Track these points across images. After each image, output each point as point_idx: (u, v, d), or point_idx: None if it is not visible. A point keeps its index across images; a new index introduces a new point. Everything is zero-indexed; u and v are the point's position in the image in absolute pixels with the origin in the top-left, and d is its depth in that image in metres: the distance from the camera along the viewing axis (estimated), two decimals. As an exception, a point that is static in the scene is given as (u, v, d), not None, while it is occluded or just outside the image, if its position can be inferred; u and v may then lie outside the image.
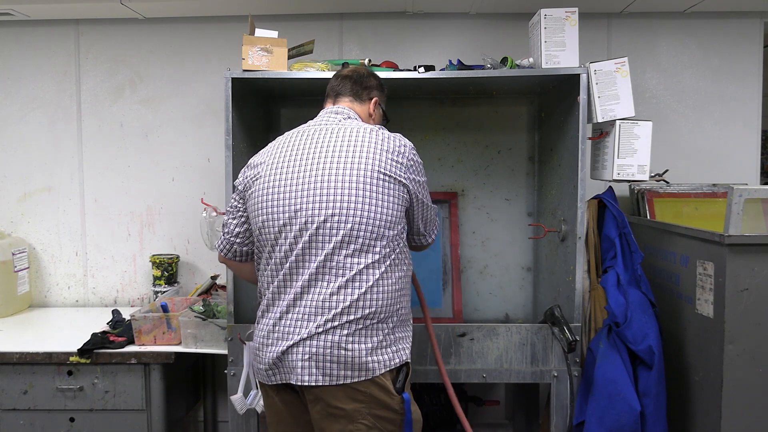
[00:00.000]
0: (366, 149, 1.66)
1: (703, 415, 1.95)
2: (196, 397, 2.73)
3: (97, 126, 2.87)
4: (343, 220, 1.60)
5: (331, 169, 1.64)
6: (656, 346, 1.99)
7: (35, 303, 2.91)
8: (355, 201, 1.61)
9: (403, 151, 1.70)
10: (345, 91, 1.86)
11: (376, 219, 1.62)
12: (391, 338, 1.65)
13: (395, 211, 1.66)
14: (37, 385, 2.21)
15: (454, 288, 2.61)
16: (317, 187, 1.64)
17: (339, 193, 1.62)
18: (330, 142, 1.69)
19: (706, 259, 1.90)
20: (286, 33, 2.21)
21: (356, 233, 1.60)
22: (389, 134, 1.73)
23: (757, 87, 2.77)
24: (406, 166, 1.69)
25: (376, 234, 1.62)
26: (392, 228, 1.65)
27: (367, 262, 1.61)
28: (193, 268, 2.89)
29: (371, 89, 1.89)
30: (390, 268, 1.65)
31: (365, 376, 1.60)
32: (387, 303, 1.63)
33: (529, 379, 2.14)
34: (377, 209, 1.62)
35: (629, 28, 2.77)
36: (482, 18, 2.77)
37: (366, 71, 1.92)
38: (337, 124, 1.76)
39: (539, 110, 2.67)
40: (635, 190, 2.60)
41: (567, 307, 2.16)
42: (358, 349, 1.59)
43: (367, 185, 1.62)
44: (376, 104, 1.89)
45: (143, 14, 2.74)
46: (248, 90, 2.31)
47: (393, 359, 1.64)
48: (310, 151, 1.70)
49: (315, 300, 1.61)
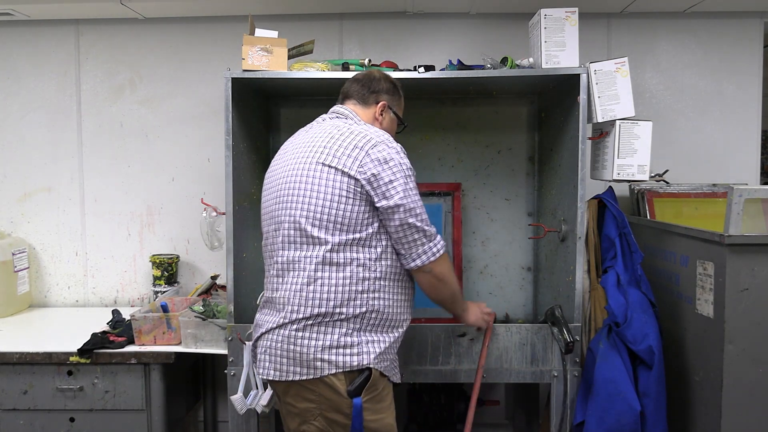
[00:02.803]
0: (323, 144, 1.67)
1: (703, 415, 1.95)
2: (196, 397, 2.73)
3: (97, 126, 2.87)
4: (291, 215, 1.64)
5: (291, 168, 1.69)
6: (656, 346, 1.99)
7: (35, 303, 2.91)
8: (297, 195, 1.64)
9: (368, 147, 1.62)
10: (352, 94, 1.86)
11: (317, 212, 1.61)
12: (353, 340, 1.60)
13: (344, 205, 1.60)
14: (37, 385, 2.21)
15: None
16: (283, 188, 1.70)
17: (288, 190, 1.66)
18: (303, 141, 1.73)
19: (706, 259, 1.90)
20: (286, 33, 2.21)
21: (301, 227, 1.62)
22: (367, 132, 1.67)
23: (757, 87, 2.77)
24: (362, 162, 1.60)
25: (325, 227, 1.60)
26: (346, 223, 1.60)
27: (318, 259, 1.60)
28: (193, 268, 2.89)
29: (379, 93, 1.85)
30: (353, 268, 1.60)
31: (314, 375, 1.57)
32: (343, 302, 1.59)
33: (529, 379, 2.14)
34: (317, 201, 1.61)
35: (629, 28, 2.77)
36: (482, 18, 2.77)
37: (380, 74, 1.89)
38: (321, 123, 1.79)
39: (539, 110, 2.67)
40: (635, 190, 2.60)
41: (567, 307, 2.15)
42: (307, 345, 1.58)
43: (305, 177, 1.64)
44: (385, 108, 1.85)
45: (143, 14, 2.74)
46: (248, 90, 2.31)
47: (350, 362, 1.58)
48: (290, 151, 1.75)
49: (279, 296, 1.65)
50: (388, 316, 1.66)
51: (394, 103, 1.88)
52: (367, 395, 1.60)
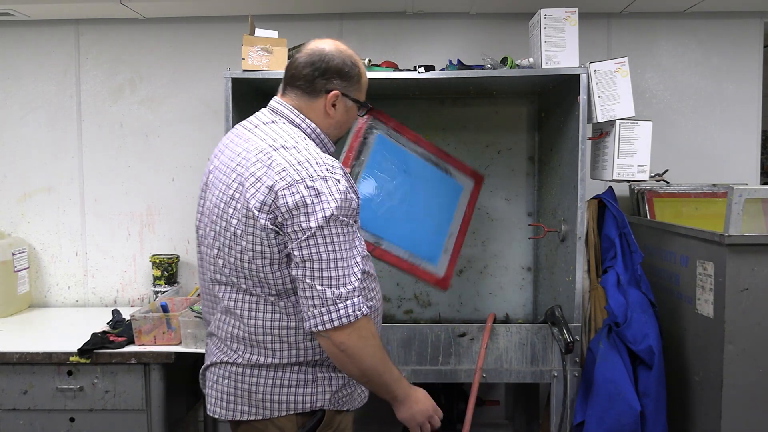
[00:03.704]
0: (241, 182, 1.40)
1: (703, 415, 1.95)
2: (196, 397, 2.72)
3: (97, 126, 2.87)
4: (216, 254, 1.46)
5: (214, 198, 1.48)
6: (656, 346, 1.99)
7: (35, 303, 2.91)
8: (215, 230, 1.45)
9: (284, 191, 1.34)
10: (296, 80, 1.50)
11: (228, 259, 1.43)
12: (306, 378, 1.45)
13: (253, 254, 1.39)
14: (37, 385, 2.21)
15: (453, 255, 2.44)
16: (206, 213, 1.51)
17: (211, 225, 1.47)
18: (232, 157, 1.48)
19: (706, 259, 1.90)
20: (286, 33, 2.22)
21: (221, 263, 1.45)
22: (282, 160, 1.38)
23: (757, 87, 2.77)
24: (269, 205, 1.35)
25: (239, 272, 1.42)
26: (260, 272, 1.40)
27: (242, 298, 1.44)
28: (193, 268, 2.88)
29: (331, 77, 1.48)
30: (281, 310, 1.43)
31: (262, 416, 1.44)
32: (288, 348, 1.44)
33: (529, 379, 2.14)
34: (229, 250, 1.42)
35: (629, 28, 2.77)
36: (482, 18, 2.77)
37: (330, 49, 1.49)
38: (246, 132, 1.51)
39: (539, 110, 2.67)
40: (635, 190, 2.60)
41: (567, 307, 2.16)
42: (256, 384, 1.44)
43: (228, 226, 1.41)
44: (338, 98, 1.50)
45: (143, 14, 2.74)
46: (248, 90, 2.32)
47: (302, 403, 1.44)
48: (217, 166, 1.53)
49: (220, 330, 1.50)
50: None
51: (351, 87, 1.52)
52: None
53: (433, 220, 2.35)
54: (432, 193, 2.34)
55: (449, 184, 2.40)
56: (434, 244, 2.34)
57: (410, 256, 2.25)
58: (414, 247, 2.26)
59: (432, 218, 2.34)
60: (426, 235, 2.32)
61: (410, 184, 2.29)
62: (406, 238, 2.25)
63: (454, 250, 2.39)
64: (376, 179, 2.22)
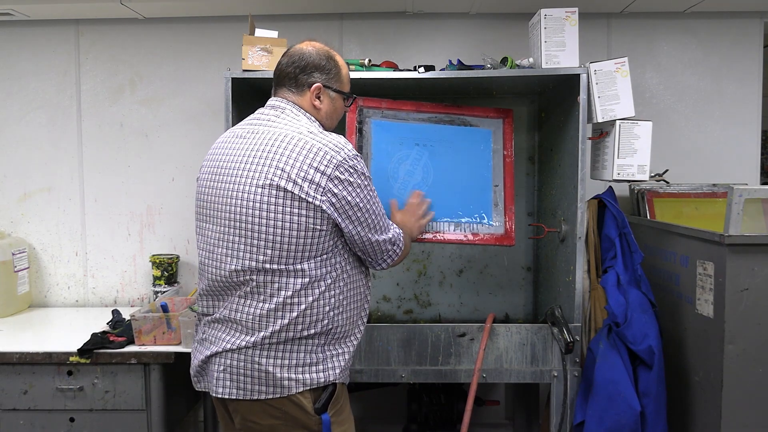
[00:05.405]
0: (269, 162, 1.50)
1: (703, 415, 1.95)
2: (196, 397, 2.72)
3: (97, 126, 2.87)
4: (242, 234, 1.53)
5: (238, 190, 1.55)
6: (656, 346, 1.99)
7: (35, 303, 2.91)
8: (249, 215, 1.51)
9: (323, 167, 1.48)
10: (283, 80, 1.64)
11: (268, 241, 1.50)
12: (318, 357, 1.56)
13: (298, 232, 1.49)
14: (37, 385, 2.21)
15: (506, 206, 2.26)
16: (224, 194, 1.57)
17: (237, 205, 1.53)
18: (240, 151, 1.57)
19: (706, 259, 1.90)
20: (286, 33, 2.22)
21: (256, 248, 1.51)
22: (316, 143, 1.50)
23: (757, 87, 2.77)
24: (324, 187, 1.49)
25: (279, 252, 1.51)
26: (300, 249, 1.51)
27: (275, 279, 1.52)
28: (193, 268, 2.88)
29: (311, 72, 1.62)
30: (312, 285, 1.54)
31: (280, 394, 1.53)
32: (309, 321, 1.54)
33: (529, 379, 2.14)
34: (270, 229, 1.50)
35: (629, 28, 2.77)
36: (482, 18, 2.77)
37: (307, 47, 1.65)
38: (256, 127, 1.61)
39: (539, 110, 2.67)
40: (635, 190, 2.60)
41: (567, 307, 2.16)
42: (273, 365, 1.52)
43: (262, 203, 1.50)
44: (321, 91, 1.63)
45: (143, 14, 2.74)
46: (248, 90, 2.31)
47: (316, 379, 1.55)
48: (228, 162, 1.60)
49: (238, 313, 1.56)
50: (347, 328, 1.63)
51: (331, 79, 1.65)
52: (332, 410, 1.58)
53: (468, 179, 2.20)
54: (455, 152, 2.20)
55: (473, 135, 2.24)
56: (480, 203, 2.19)
57: (457, 226, 2.14)
58: (458, 216, 2.15)
59: (466, 178, 2.20)
60: (466, 197, 2.18)
61: (428, 154, 2.18)
62: (445, 210, 2.14)
63: (507, 200, 2.22)
64: (389, 165, 2.13)
